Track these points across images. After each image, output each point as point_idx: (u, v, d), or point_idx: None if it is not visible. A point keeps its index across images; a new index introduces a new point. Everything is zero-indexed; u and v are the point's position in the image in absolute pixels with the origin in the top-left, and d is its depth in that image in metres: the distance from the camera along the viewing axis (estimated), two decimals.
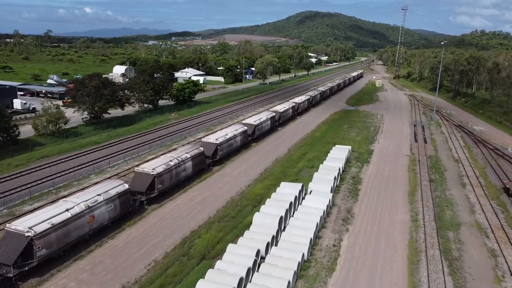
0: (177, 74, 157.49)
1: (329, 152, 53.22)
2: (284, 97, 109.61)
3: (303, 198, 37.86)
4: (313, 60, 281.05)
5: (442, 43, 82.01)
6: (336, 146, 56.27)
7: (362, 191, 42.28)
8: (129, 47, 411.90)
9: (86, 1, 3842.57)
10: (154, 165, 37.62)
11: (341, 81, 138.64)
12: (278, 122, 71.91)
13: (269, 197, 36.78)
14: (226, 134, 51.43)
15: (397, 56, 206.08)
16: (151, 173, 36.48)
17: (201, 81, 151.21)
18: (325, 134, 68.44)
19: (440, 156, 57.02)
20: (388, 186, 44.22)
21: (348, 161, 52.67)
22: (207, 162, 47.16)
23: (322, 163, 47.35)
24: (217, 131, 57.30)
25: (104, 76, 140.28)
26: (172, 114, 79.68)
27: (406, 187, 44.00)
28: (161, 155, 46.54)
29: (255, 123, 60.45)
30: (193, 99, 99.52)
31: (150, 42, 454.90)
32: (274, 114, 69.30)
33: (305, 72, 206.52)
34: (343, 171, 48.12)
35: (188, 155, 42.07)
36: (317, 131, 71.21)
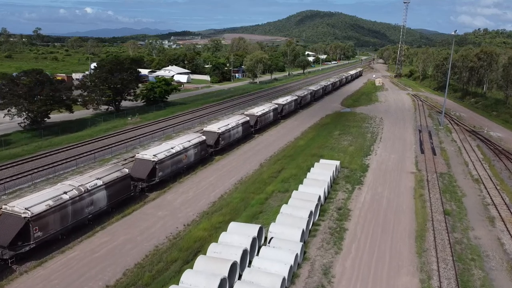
0: (159, 73, 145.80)
1: (310, 169, 40.82)
2: (272, 98, 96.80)
3: (258, 251, 25.25)
4: (311, 58, 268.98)
5: (453, 32, 68.94)
6: (321, 161, 43.64)
7: (350, 233, 29.55)
8: (124, 46, 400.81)
9: (87, 1, 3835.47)
10: (33, 202, 24.96)
11: (337, 80, 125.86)
12: (255, 128, 59.25)
13: (212, 247, 24.31)
14: (172, 148, 38.74)
15: (398, 53, 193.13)
16: (23, 216, 23.86)
17: (185, 80, 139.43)
18: (311, 143, 55.73)
19: (454, 174, 44.26)
20: (386, 223, 31.50)
21: (335, 181, 40.07)
22: (138, 188, 34.53)
23: (297, 189, 34.73)
24: (162, 143, 44.52)
25: (76, 74, 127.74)
26: (130, 119, 67.06)
27: (412, 225, 31.28)
28: (71, 179, 33.79)
29: (219, 131, 47.77)
30: (165, 100, 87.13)
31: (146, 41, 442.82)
32: (248, 118, 56.60)
33: (301, 71, 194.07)
34: (326, 198, 35.50)
35: (100, 182, 29.41)
36: (301, 139, 58.51)
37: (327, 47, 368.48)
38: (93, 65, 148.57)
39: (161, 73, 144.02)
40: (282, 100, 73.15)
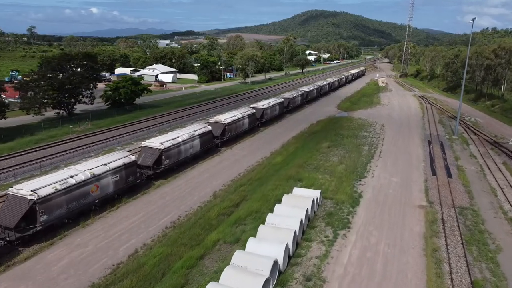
0: (142, 71, 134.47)
1: (280, 202, 28.97)
2: (260, 100, 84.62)
3: None
4: (312, 57, 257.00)
5: (471, 21, 56.38)
6: (295, 190, 31.61)
7: None
8: (117, 45, 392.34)
9: (93, 1, 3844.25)
10: None
11: (335, 80, 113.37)
12: (221, 139, 47.21)
13: None
14: (72, 177, 26.74)
15: (404, 51, 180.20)
16: None
17: (170, 79, 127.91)
18: (290, 160, 43.58)
19: (480, 209, 31.93)
20: None
21: (310, 224, 28.00)
22: None
23: (245, 246, 22.68)
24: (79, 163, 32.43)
25: None
26: (71, 127, 55.20)
27: None
28: None
29: (163, 147, 35.74)
30: (133, 102, 75.47)
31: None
32: (211, 128, 44.56)
33: (300, 70, 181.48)
34: (290, 258, 23.39)
35: None
36: (279, 154, 46.40)
37: (330, 46, 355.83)
38: None
39: (145, 72, 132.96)
40: (263, 104, 60.98)
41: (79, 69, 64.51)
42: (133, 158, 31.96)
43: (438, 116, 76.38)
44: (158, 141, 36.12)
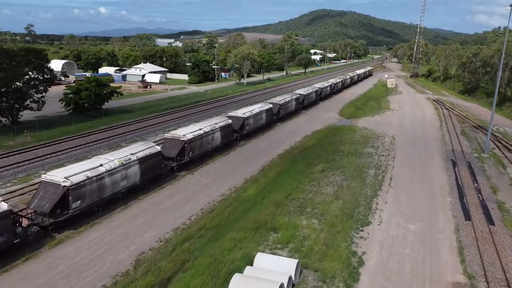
0: (128, 71, 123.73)
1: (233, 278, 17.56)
2: (250, 104, 73.18)
3: None
4: (318, 57, 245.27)
5: (507, 8, 44.13)
6: (258, 258, 20.18)
7: None
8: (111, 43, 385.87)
9: (101, 1, 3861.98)
10: None
11: (339, 81, 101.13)
12: (180, 161, 35.65)
13: None
14: None
15: (415, 50, 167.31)
16: None
17: (157, 80, 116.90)
18: (268, 193, 31.87)
19: None
20: None
21: None
22: None
23: None
24: None
25: None
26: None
27: None
28: None
29: (68, 183, 24.19)
30: (100, 107, 64.42)
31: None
32: (159, 149, 33.01)
33: (302, 70, 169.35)
34: None
35: None
36: (255, 182, 34.73)
37: (336, 45, 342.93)
38: (53, 62, 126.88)
39: (131, 71, 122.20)
40: (244, 112, 49.15)
41: (26, 69, 53.50)
42: (4, 206, 20.50)
43: (458, 125, 64.12)
44: (65, 173, 24.61)
